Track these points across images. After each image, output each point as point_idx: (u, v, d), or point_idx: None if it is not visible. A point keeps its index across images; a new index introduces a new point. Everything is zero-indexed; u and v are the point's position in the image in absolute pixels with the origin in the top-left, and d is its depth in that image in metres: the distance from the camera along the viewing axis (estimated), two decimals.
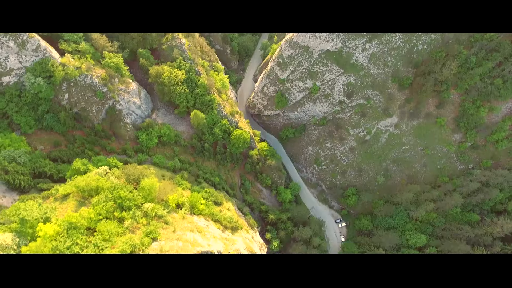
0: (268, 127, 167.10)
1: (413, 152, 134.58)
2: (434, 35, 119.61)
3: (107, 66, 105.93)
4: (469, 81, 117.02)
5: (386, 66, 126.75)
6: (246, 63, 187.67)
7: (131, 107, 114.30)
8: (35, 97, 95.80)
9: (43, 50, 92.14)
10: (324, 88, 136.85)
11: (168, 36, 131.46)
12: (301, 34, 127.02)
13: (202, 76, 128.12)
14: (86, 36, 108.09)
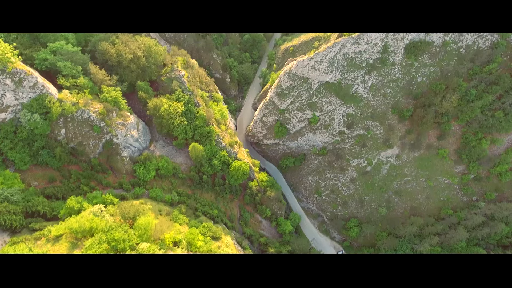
0: (268, 155, 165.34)
1: (415, 184, 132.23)
2: (433, 68, 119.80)
3: (105, 101, 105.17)
4: (469, 113, 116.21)
5: (385, 97, 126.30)
6: (246, 91, 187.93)
7: (129, 141, 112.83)
8: (30, 133, 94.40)
9: (40, 86, 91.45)
10: (323, 118, 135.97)
11: (168, 67, 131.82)
12: (300, 65, 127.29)
13: (201, 107, 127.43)
14: (84, 70, 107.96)
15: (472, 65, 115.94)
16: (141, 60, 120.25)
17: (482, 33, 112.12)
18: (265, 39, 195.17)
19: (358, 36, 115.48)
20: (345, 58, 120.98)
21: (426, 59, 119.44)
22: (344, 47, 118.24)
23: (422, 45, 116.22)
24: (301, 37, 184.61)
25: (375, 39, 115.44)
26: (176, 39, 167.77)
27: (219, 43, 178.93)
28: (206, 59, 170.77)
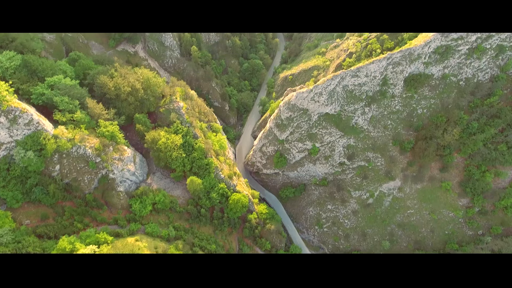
0: (267, 185, 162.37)
1: (419, 217, 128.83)
2: (433, 100, 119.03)
3: (101, 136, 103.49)
4: (472, 146, 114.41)
5: (386, 129, 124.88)
6: (245, 118, 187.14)
7: (125, 175, 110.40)
8: (24, 171, 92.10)
9: (36, 123, 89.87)
10: (324, 149, 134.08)
11: (166, 99, 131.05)
12: (299, 97, 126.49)
13: (200, 139, 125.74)
14: (82, 104, 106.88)
15: (473, 97, 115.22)
16: (140, 92, 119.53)
17: (482, 65, 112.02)
18: (264, 67, 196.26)
19: (357, 69, 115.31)
20: (344, 90, 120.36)
21: (426, 91, 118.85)
22: (343, 79, 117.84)
23: (421, 78, 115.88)
24: (300, 66, 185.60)
25: (374, 72, 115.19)
26: (175, 69, 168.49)
27: (218, 72, 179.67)
28: (206, 88, 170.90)
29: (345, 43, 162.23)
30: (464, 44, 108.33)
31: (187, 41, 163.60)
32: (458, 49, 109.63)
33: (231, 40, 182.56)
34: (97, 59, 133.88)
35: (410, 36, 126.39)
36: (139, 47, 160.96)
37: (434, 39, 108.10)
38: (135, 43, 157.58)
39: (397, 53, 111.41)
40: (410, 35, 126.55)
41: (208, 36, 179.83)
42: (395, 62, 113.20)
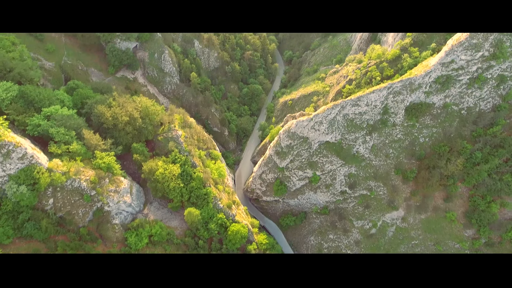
0: (267, 212, 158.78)
1: (424, 248, 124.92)
2: (435, 129, 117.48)
3: (97, 167, 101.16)
4: (476, 176, 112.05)
5: (388, 157, 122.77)
6: (244, 143, 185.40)
7: (121, 207, 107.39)
8: (16, 205, 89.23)
9: (30, 157, 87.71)
10: (324, 178, 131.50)
11: (165, 127, 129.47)
12: (299, 125, 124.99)
13: (198, 168, 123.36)
14: (78, 134, 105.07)
15: (475, 127, 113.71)
16: (138, 121, 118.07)
17: (484, 94, 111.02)
18: (264, 91, 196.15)
19: (357, 98, 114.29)
20: (345, 119, 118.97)
21: (428, 120, 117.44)
22: (343, 108, 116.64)
23: (422, 107, 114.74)
24: (299, 91, 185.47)
25: (375, 101, 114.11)
26: (174, 94, 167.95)
27: (218, 97, 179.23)
28: (205, 113, 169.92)
29: (344, 69, 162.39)
30: (465, 74, 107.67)
31: (187, 67, 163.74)
32: (459, 79, 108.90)
33: (231, 65, 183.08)
34: (96, 86, 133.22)
35: (409, 65, 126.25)
36: (138, 73, 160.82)
37: (434, 69, 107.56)
38: (134, 69, 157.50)
39: (397, 82, 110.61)
40: (409, 63, 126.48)
41: (208, 61, 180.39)
42: (395, 91, 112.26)
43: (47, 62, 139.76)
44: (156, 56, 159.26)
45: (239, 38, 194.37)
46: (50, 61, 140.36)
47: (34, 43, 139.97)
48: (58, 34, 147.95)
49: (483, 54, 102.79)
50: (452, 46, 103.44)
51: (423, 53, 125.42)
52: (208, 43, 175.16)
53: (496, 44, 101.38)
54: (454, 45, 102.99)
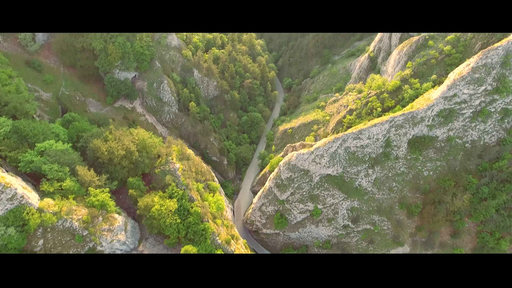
0: (267, 245, 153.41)
1: None
2: (439, 162, 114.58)
3: (91, 205, 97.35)
4: (484, 212, 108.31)
5: (391, 191, 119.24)
6: (244, 172, 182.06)
7: (114, 246, 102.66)
8: (3, 248, 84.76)
9: (20, 198, 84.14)
10: (326, 211, 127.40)
11: (162, 159, 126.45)
12: (299, 158, 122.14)
13: (196, 202, 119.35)
14: (72, 170, 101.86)
15: (481, 161, 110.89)
16: (134, 155, 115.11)
17: (488, 128, 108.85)
18: (263, 119, 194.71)
19: (359, 132, 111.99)
20: (346, 152, 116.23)
21: (431, 153, 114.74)
22: (345, 142, 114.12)
23: (425, 140, 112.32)
24: (299, 119, 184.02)
25: (377, 135, 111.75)
26: (173, 124, 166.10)
27: (217, 126, 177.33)
28: (204, 142, 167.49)
29: (344, 99, 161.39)
30: (468, 108, 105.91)
31: (186, 97, 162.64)
32: (462, 112, 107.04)
33: (230, 94, 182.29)
34: (93, 118, 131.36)
35: (411, 96, 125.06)
36: (136, 102, 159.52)
37: (437, 102, 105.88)
38: (133, 99, 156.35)
39: (399, 116, 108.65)
40: (410, 94, 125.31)
41: (207, 90, 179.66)
42: (397, 124, 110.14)
43: (45, 93, 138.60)
44: (155, 85, 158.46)
45: (239, 66, 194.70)
46: (47, 92, 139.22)
47: (32, 74, 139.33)
48: (56, 65, 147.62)
49: (486, 88, 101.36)
50: (454, 80, 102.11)
51: (424, 84, 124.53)
52: (207, 72, 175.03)
53: (498, 79, 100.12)
54: (456, 79, 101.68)
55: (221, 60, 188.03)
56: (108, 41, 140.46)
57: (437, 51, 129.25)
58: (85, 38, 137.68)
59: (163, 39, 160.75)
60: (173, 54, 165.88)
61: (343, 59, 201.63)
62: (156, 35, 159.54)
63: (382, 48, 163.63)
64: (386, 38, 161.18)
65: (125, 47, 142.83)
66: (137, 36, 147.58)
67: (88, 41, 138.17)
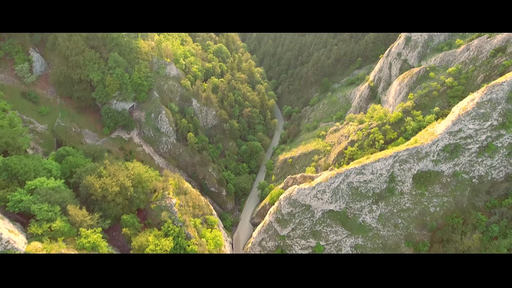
0: None
1: None
2: (446, 198, 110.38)
3: (81, 247, 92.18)
4: (495, 252, 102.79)
5: (397, 228, 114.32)
6: (243, 203, 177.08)
7: None
8: None
9: (5, 242, 79.16)
10: (329, 248, 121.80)
11: (158, 194, 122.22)
12: (301, 193, 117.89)
13: (193, 240, 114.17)
14: (63, 209, 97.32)
15: (489, 197, 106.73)
16: (129, 191, 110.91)
17: (495, 163, 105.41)
18: (263, 148, 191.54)
19: (362, 167, 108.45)
20: (349, 187, 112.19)
21: (437, 189, 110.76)
22: (347, 177, 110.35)
23: (431, 175, 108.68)
24: (299, 148, 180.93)
25: (381, 170, 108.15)
26: (171, 154, 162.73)
27: (215, 155, 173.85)
28: (202, 173, 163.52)
29: (345, 129, 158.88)
30: (474, 143, 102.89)
31: (184, 127, 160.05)
32: (467, 148, 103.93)
33: (229, 123, 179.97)
34: (88, 151, 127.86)
35: (413, 128, 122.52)
36: (134, 133, 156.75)
37: (441, 137, 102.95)
38: (130, 129, 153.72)
39: (403, 151, 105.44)
40: (413, 126, 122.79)
41: (206, 119, 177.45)
42: (402, 159, 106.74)
43: (40, 124, 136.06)
44: (153, 116, 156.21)
45: (238, 95, 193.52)
46: (42, 124, 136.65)
47: (27, 106, 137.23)
48: (53, 96, 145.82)
49: (492, 123, 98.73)
50: (459, 115, 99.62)
51: (427, 116, 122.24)
52: (206, 101, 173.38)
53: (504, 114, 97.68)
54: (461, 114, 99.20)
55: (220, 89, 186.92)
56: (106, 73, 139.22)
57: (438, 82, 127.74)
58: (83, 70, 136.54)
59: (161, 69, 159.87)
60: (171, 84, 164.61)
61: (342, 88, 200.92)
62: (154, 65, 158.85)
63: (382, 78, 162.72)
64: (386, 68, 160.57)
65: (123, 78, 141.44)
66: (136, 67, 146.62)
67: (86, 73, 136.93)
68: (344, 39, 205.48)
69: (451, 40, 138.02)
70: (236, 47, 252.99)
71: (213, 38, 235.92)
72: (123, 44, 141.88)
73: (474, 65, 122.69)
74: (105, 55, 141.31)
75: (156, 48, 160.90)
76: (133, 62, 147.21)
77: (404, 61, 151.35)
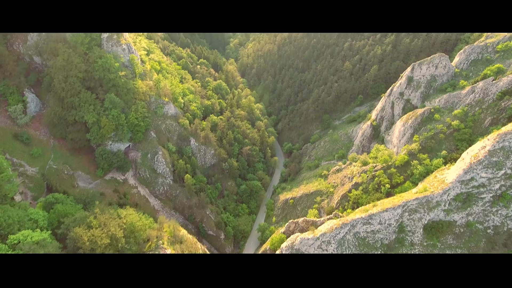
0: None
1: None
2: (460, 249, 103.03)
3: None
4: None
5: None
6: (242, 246, 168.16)
7: None
8: None
9: None
10: None
11: (152, 243, 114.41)
12: (304, 243, 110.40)
13: None
14: None
15: (506, 250, 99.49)
16: (121, 242, 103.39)
17: (510, 213, 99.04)
18: (263, 187, 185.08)
19: (369, 217, 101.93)
20: (356, 238, 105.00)
21: (450, 239, 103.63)
22: (354, 227, 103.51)
23: (443, 226, 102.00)
24: (301, 188, 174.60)
25: (389, 220, 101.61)
26: (167, 196, 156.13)
27: (213, 196, 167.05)
28: (199, 215, 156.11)
29: (348, 170, 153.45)
30: (487, 192, 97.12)
31: (181, 168, 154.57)
32: (481, 197, 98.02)
33: (228, 162, 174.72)
34: (80, 196, 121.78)
35: (421, 173, 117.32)
36: (129, 174, 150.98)
37: (453, 186, 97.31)
38: (125, 171, 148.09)
39: (412, 200, 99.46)
40: (421, 171, 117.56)
41: (204, 159, 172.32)
42: (411, 209, 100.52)
43: (30, 167, 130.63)
44: (149, 156, 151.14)
45: (237, 132, 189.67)
46: (33, 167, 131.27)
47: (18, 148, 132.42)
48: (46, 137, 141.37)
49: (506, 172, 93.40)
50: (471, 164, 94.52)
51: (434, 160, 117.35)
52: (204, 140, 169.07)
53: None
54: (473, 163, 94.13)
55: (220, 127, 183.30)
56: (101, 114, 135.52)
57: (444, 125, 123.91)
58: (78, 111, 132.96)
59: (159, 109, 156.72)
60: (169, 123, 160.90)
61: (344, 125, 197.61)
62: (152, 105, 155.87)
63: (385, 117, 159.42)
64: (388, 107, 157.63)
65: (119, 119, 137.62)
66: (133, 107, 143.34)
67: (81, 114, 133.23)
68: (344, 76, 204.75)
69: (455, 81, 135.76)
70: (236, 82, 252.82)
71: (212, 74, 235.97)
72: (120, 85, 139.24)
73: (481, 108, 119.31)
74: (101, 96, 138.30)
75: (154, 88, 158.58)
76: (130, 102, 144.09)
77: (407, 100, 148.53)
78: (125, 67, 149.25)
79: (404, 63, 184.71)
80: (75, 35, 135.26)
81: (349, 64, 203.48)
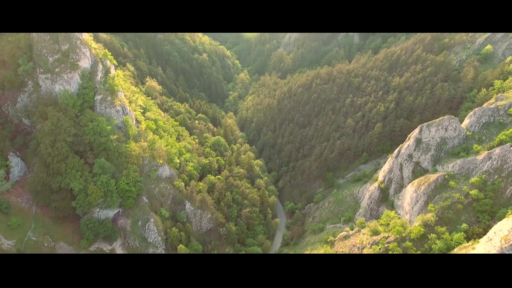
0: None
1: None
2: None
3: None
4: None
5: None
6: None
7: None
8: None
9: None
10: None
11: None
12: None
13: None
14: None
15: None
16: None
17: None
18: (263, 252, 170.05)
19: None
20: None
21: None
22: None
23: None
24: None
25: None
26: None
27: None
28: None
29: (357, 237, 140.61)
30: None
31: (174, 236, 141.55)
32: None
33: (226, 227, 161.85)
34: None
35: (440, 249, 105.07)
36: (117, 244, 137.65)
37: None
38: (112, 240, 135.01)
39: None
40: (440, 247, 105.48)
41: (200, 223, 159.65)
42: None
43: (6, 241, 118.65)
44: (140, 224, 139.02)
45: (236, 193, 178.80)
46: (10, 239, 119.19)
47: None
48: (29, 204, 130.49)
49: None
50: (502, 248, 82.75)
51: (455, 235, 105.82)
52: (200, 204, 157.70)
53: None
54: (504, 247, 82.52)
55: (217, 188, 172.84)
56: (89, 180, 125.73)
57: (461, 194, 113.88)
58: (63, 177, 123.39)
59: (153, 171, 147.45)
60: (163, 187, 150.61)
61: (348, 184, 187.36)
62: (145, 168, 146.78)
63: (393, 179, 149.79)
64: (396, 169, 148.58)
65: (109, 186, 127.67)
66: (124, 172, 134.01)
67: (66, 181, 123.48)
68: (347, 133, 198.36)
69: (467, 144, 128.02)
70: (235, 137, 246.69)
71: (211, 129, 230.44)
72: (112, 149, 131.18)
73: (500, 176, 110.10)
74: (91, 160, 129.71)
75: (149, 149, 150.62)
76: (122, 166, 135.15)
77: (416, 163, 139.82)
78: (119, 129, 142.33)
79: (409, 121, 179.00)
80: (67, 97, 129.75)
81: (351, 120, 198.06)
